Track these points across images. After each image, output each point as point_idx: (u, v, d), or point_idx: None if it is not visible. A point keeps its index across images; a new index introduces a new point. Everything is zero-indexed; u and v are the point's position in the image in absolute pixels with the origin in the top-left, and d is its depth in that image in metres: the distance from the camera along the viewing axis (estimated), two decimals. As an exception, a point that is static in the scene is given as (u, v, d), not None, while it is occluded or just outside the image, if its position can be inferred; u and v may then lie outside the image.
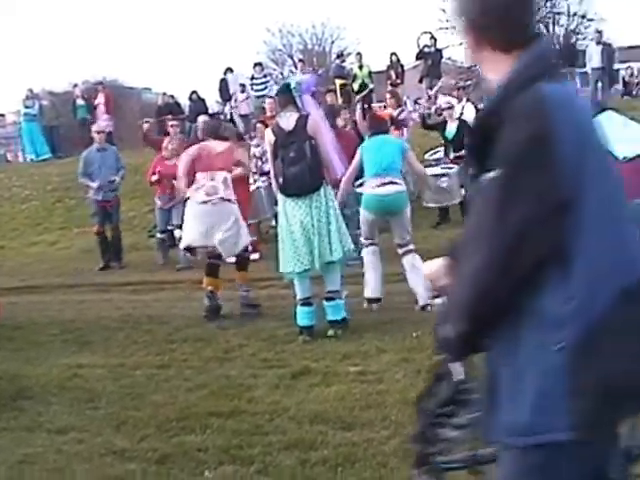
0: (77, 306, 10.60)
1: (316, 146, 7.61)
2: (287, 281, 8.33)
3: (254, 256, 12.46)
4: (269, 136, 7.82)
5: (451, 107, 13.86)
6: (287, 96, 7.85)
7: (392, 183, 8.48)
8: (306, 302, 7.83)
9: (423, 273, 2.80)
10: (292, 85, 7.93)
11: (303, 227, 7.62)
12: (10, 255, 15.94)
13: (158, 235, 13.42)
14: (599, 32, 21.89)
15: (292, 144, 7.58)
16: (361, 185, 9.54)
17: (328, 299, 7.89)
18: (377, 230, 8.89)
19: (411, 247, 8.58)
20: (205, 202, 8.67)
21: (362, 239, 8.89)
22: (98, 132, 13.56)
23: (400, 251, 8.60)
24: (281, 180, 7.65)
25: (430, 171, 13.27)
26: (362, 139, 9.70)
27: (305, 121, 7.63)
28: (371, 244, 8.74)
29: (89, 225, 14.34)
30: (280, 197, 7.86)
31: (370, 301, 8.70)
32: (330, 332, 7.84)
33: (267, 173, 13.58)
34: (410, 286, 8.46)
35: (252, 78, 22.27)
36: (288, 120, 7.66)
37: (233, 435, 5.28)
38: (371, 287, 8.67)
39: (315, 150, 7.59)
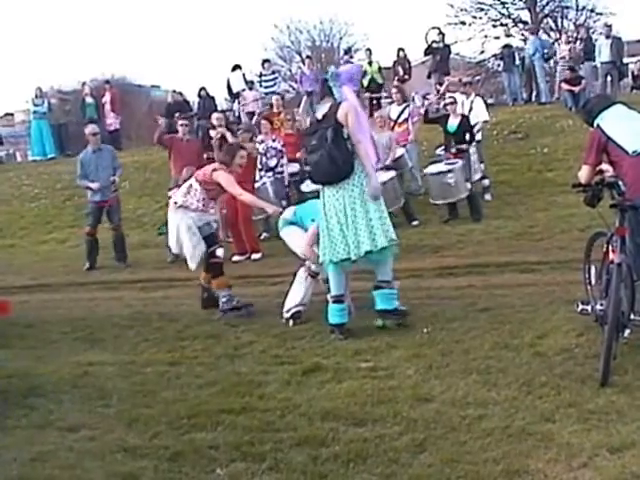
0: (87, 304, 10.61)
1: (343, 133, 7.37)
2: (324, 277, 8.10)
3: (255, 256, 12.46)
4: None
5: (454, 102, 13.82)
6: (324, 88, 7.77)
7: None
8: (339, 299, 7.65)
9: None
10: (329, 75, 7.81)
11: (337, 216, 7.47)
12: (20, 253, 15.96)
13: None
14: (608, 26, 21.78)
15: (316, 132, 7.49)
16: None
17: (377, 287, 7.67)
18: None
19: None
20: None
21: None
22: (93, 134, 13.47)
23: None
24: (307, 168, 7.61)
25: (435, 168, 13.29)
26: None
27: (336, 108, 7.45)
28: None
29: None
30: (317, 186, 7.86)
31: None
32: (379, 322, 7.72)
33: (272, 169, 13.66)
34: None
35: (260, 75, 22.27)
36: (321, 109, 7.58)
37: (244, 432, 5.28)
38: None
39: (340, 137, 7.35)
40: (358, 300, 8.12)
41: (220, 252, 9.15)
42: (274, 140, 13.95)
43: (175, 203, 9.03)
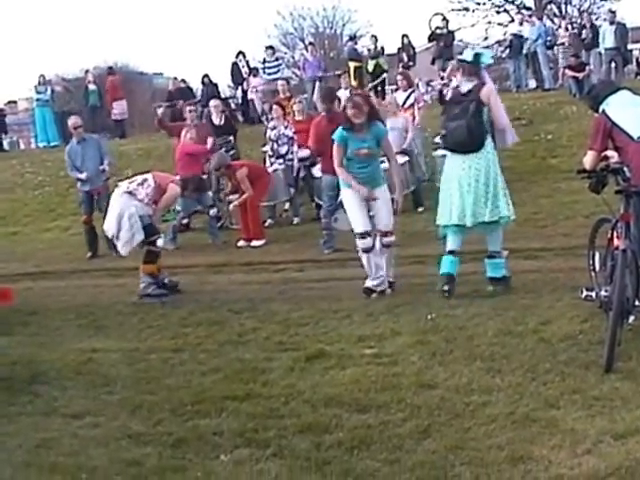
0: (91, 291, 10.63)
1: (482, 111, 7.97)
2: (441, 235, 8.48)
3: (257, 242, 12.44)
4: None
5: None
6: (475, 66, 8.20)
7: None
8: (452, 252, 8.16)
9: None
10: (481, 57, 8.31)
11: (459, 184, 7.98)
12: (24, 241, 15.96)
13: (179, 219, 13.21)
14: (612, 12, 21.71)
15: (460, 103, 8.05)
16: None
17: (489, 257, 8.24)
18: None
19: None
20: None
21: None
22: (75, 127, 13.45)
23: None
24: (443, 133, 8.26)
25: (444, 151, 13.23)
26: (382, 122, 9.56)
27: (481, 87, 8.06)
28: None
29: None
30: (446, 152, 8.55)
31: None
32: (489, 288, 8.20)
33: (283, 155, 13.66)
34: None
35: (264, 61, 22.22)
36: (466, 85, 8.08)
37: (248, 418, 5.28)
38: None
39: (480, 113, 7.95)
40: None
41: (160, 242, 9.52)
42: (286, 127, 13.94)
43: (125, 189, 9.42)
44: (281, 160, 13.75)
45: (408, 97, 14.71)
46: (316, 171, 12.70)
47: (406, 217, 8.62)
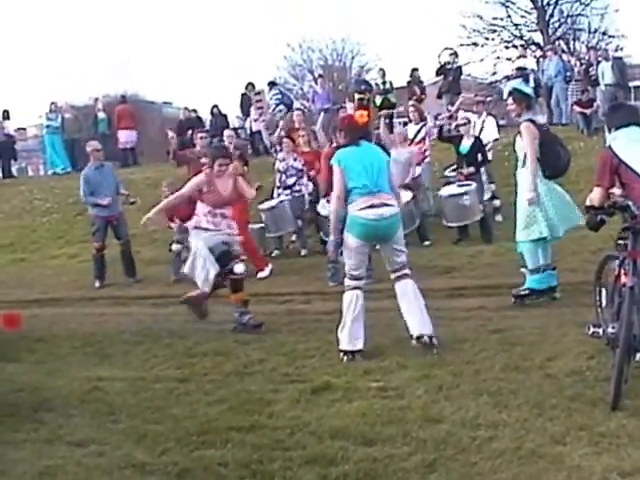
0: (97, 319, 10.64)
1: None
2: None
3: (263, 274, 12.39)
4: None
5: (467, 123, 13.84)
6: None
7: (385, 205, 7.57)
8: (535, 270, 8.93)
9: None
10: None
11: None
12: (31, 268, 16.02)
13: (174, 247, 13.04)
14: (606, 50, 21.83)
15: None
16: None
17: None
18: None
19: (407, 271, 7.77)
20: None
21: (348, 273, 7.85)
22: (97, 150, 13.49)
23: (393, 276, 7.78)
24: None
25: (449, 190, 13.26)
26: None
27: None
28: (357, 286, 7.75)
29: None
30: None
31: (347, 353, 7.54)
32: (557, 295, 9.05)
33: (291, 187, 13.68)
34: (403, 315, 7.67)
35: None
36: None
37: (253, 450, 5.27)
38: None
39: None
40: (370, 319, 8.07)
41: (239, 268, 9.04)
42: (295, 159, 14.01)
43: (192, 224, 9.06)
44: (288, 191, 13.82)
45: (419, 130, 14.78)
46: (321, 208, 12.70)
47: (412, 251, 8.52)
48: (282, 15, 79.00)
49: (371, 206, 7.46)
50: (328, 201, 9.07)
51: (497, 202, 14.30)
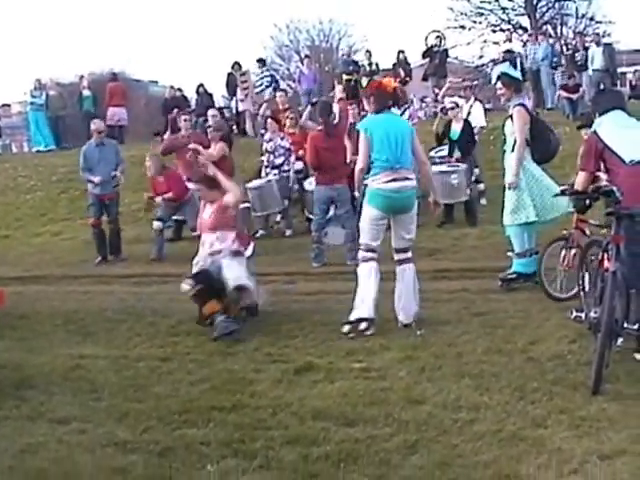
0: (80, 297, 10.61)
1: None
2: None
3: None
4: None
5: (455, 107, 13.87)
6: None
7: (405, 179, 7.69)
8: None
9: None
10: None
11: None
12: (14, 245, 15.94)
13: (155, 225, 13.19)
14: (597, 34, 21.82)
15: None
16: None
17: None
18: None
19: (409, 254, 7.85)
20: None
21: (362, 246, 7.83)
22: (98, 132, 13.45)
23: (397, 257, 7.85)
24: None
25: (438, 168, 13.26)
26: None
27: None
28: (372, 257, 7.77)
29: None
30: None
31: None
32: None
33: (279, 166, 13.68)
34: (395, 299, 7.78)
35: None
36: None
37: (235, 429, 5.28)
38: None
39: None
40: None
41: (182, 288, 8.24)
42: (282, 138, 14.04)
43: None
44: (276, 171, 13.81)
45: (402, 113, 14.76)
46: (308, 184, 12.70)
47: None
48: (269, -6, 78.58)
49: (393, 180, 7.62)
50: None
51: (481, 186, 14.32)
